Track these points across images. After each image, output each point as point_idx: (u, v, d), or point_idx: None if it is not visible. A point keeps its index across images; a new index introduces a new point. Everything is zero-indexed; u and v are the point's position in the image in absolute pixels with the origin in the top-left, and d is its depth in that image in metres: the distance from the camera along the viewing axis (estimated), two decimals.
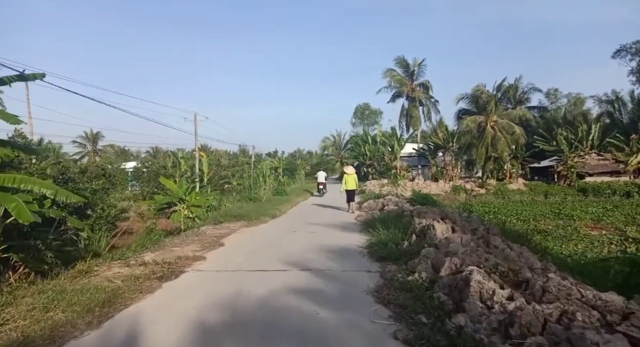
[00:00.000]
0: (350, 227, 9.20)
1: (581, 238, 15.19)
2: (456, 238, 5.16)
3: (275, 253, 6.44)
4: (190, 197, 13.42)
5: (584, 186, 30.06)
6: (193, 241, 7.56)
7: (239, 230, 9.02)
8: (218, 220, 10.11)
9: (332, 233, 8.48)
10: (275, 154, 69.41)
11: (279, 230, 9.08)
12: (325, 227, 9.34)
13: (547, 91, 53.35)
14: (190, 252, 6.51)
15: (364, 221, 9.83)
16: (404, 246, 6.18)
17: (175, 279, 4.95)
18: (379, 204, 11.91)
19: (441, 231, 5.84)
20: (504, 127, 33.25)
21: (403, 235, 6.76)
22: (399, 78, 37.08)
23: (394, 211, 9.82)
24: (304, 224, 9.95)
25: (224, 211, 11.31)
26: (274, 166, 51.77)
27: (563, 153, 32.09)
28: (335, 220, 10.53)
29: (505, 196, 30.78)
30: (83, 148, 66.20)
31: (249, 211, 11.14)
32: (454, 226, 5.97)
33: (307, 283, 4.73)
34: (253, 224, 9.88)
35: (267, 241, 7.69)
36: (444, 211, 8.02)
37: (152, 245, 7.31)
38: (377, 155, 35.65)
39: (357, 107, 60.80)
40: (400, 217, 8.74)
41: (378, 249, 6.23)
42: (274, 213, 11.77)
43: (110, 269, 5.48)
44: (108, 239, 10.28)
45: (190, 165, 39.18)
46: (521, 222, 20.09)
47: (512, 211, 23.88)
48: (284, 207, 13.86)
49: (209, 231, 8.88)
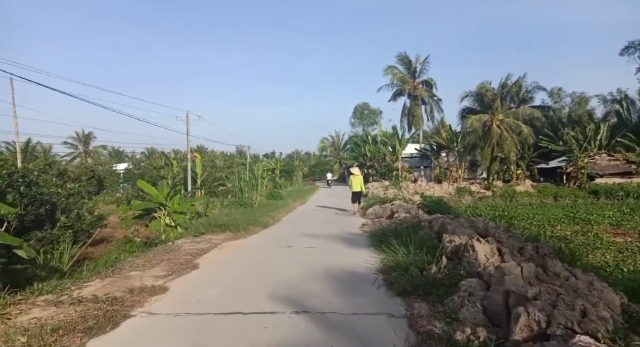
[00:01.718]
0: (356, 240, 7.68)
1: (606, 246, 13.75)
2: (513, 268, 3.64)
3: (262, 281, 4.90)
4: (172, 202, 11.85)
5: (595, 188, 28.64)
6: (161, 261, 6.02)
7: (222, 244, 7.47)
8: (199, 230, 8.55)
9: (335, 249, 6.96)
10: (273, 155, 67.90)
11: (270, 244, 7.54)
12: (326, 240, 7.81)
13: (551, 90, 52.20)
14: (151, 280, 4.97)
15: (371, 231, 8.32)
16: (432, 272, 4.66)
17: (110, 332, 3.40)
18: (386, 211, 10.39)
19: (484, 254, 4.32)
20: (510, 127, 31.83)
21: (428, 255, 5.24)
22: (400, 76, 35.60)
23: (406, 220, 8.31)
24: (301, 235, 8.42)
25: (207, 220, 9.73)
26: (270, 167, 50.35)
27: (573, 153, 30.66)
28: (337, 230, 9.01)
29: (512, 199, 29.31)
30: (74, 149, 64.45)
31: (237, 219, 9.58)
32: (501, 247, 4.45)
33: (304, 339, 3.20)
34: (240, 235, 8.33)
35: (254, 260, 6.15)
36: (476, 222, 6.51)
37: (107, 267, 5.75)
38: (377, 156, 34.16)
39: (356, 106, 59.38)
40: (417, 228, 7.23)
41: (398, 277, 4.71)
42: (266, 221, 10.21)
43: (30, 310, 3.93)
44: (73, 252, 8.71)
45: (184, 166, 37.55)
46: (535, 228, 18.60)
47: (522, 214, 22.39)
48: (279, 213, 12.31)
49: (186, 245, 7.33)
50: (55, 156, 65.06)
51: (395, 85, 36.49)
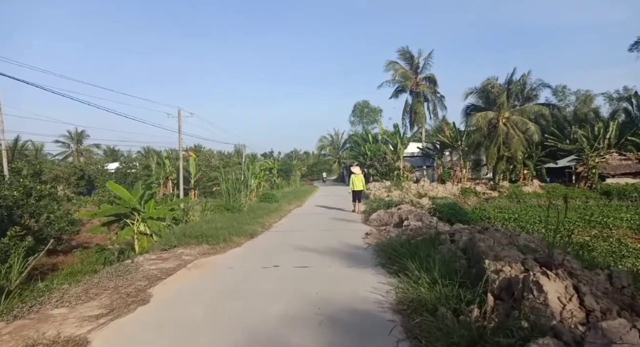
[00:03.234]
0: (359, 257, 6.22)
1: (634, 254, 12.42)
2: (624, 330, 2.22)
3: (232, 333, 3.44)
4: (147, 206, 10.37)
5: (607, 189, 27.25)
6: (104, 290, 4.55)
7: (194, 262, 6.00)
8: (169, 243, 7.07)
9: (334, 270, 5.50)
10: (271, 154, 66.35)
11: (252, 262, 6.06)
12: (322, 255, 6.35)
13: (555, 88, 50.87)
14: (73, 326, 3.51)
15: (377, 244, 6.88)
16: (473, 318, 3.22)
17: None
18: (393, 217, 8.93)
19: (556, 296, 2.89)
20: (517, 124, 30.41)
21: (461, 288, 3.80)
22: (402, 71, 34.09)
23: (420, 231, 6.86)
24: (293, 248, 6.96)
25: (183, 228, 8.20)
26: (267, 167, 48.84)
27: (584, 152, 29.23)
28: (335, 241, 7.56)
29: (520, 200, 27.90)
30: (67, 148, 62.77)
31: (219, 228, 8.09)
32: (578, 285, 3.02)
33: None
34: (219, 249, 6.85)
35: (227, 288, 4.69)
36: (515, 236, 5.04)
37: (33, 298, 4.29)
38: (378, 155, 32.68)
39: (355, 104, 57.87)
40: (435, 242, 5.80)
41: (423, 324, 3.27)
42: (254, 230, 8.70)
43: None
44: (21, 267, 7.23)
45: (178, 166, 35.95)
46: (550, 232, 17.25)
47: (534, 217, 20.96)
48: (270, 219, 10.82)
49: (147, 263, 5.86)
50: (47, 155, 63.68)
51: (396, 81, 34.99)
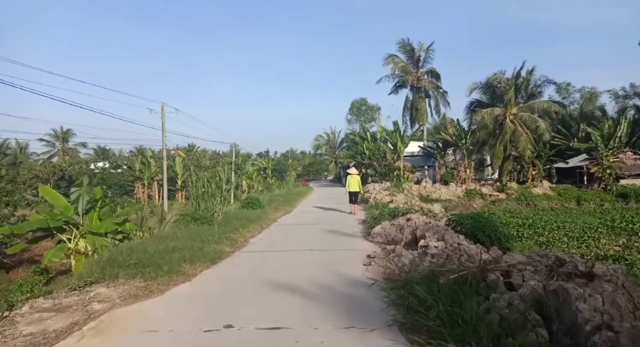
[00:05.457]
0: (362, 304, 4.10)
1: None
2: None
3: None
4: (90, 218, 8.19)
5: (623, 191, 25.34)
6: None
7: (104, 315, 3.84)
8: (88, 276, 4.91)
9: (321, 337, 3.39)
10: (267, 153, 64.05)
11: (194, 317, 3.88)
12: (305, 301, 4.23)
13: (559, 85, 49.05)
14: None
15: (385, 277, 4.79)
16: None
17: None
18: (403, 232, 6.80)
19: None
20: (525, 122, 28.43)
21: None
22: (402, 65, 32.00)
23: (448, 258, 4.78)
24: (264, 286, 4.83)
25: (116, 252, 5.96)
26: (261, 167, 46.59)
27: (597, 151, 27.28)
28: (327, 271, 5.43)
29: (530, 202, 25.94)
30: (52, 147, 60.28)
31: (170, 249, 5.96)
32: None
33: None
34: (155, 287, 4.70)
35: None
36: None
37: None
38: (377, 154, 30.63)
39: (353, 102, 55.75)
40: (479, 284, 3.73)
41: None
42: (219, 251, 6.50)
43: None
44: None
45: (168, 165, 33.66)
46: (575, 241, 15.18)
47: (549, 222, 18.91)
48: (247, 232, 8.62)
49: (27, 320, 3.71)
50: (32, 154, 61.15)
51: (396, 76, 32.90)
